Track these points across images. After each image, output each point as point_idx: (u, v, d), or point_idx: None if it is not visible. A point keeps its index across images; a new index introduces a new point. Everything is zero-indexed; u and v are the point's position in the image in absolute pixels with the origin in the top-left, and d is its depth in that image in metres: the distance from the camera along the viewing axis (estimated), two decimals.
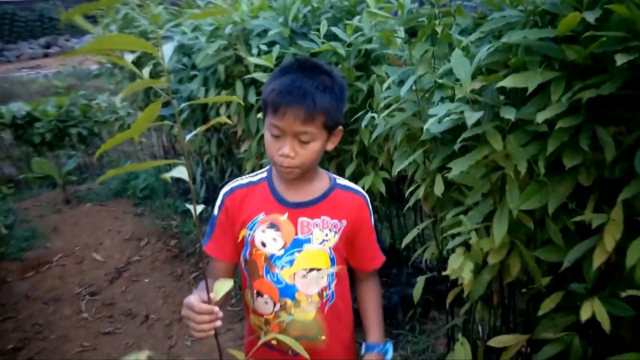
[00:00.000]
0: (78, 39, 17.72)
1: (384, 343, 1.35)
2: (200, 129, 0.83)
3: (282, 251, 1.22)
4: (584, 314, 1.11)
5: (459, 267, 1.37)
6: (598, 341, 1.27)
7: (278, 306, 1.24)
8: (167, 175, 0.71)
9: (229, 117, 2.70)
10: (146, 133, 5.99)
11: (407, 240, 1.77)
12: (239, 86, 2.46)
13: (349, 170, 2.34)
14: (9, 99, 7.83)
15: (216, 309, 0.98)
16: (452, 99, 1.52)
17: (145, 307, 3.09)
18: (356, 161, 2.33)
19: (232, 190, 1.25)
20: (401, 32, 1.85)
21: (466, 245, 1.41)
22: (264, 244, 1.22)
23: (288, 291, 1.23)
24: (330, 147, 1.25)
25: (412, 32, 1.83)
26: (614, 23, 1.05)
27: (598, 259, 1.11)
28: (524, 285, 1.47)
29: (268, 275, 1.23)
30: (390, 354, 1.34)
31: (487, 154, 1.26)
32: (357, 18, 2.08)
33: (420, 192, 1.67)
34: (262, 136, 2.55)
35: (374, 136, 1.76)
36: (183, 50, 2.94)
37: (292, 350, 1.24)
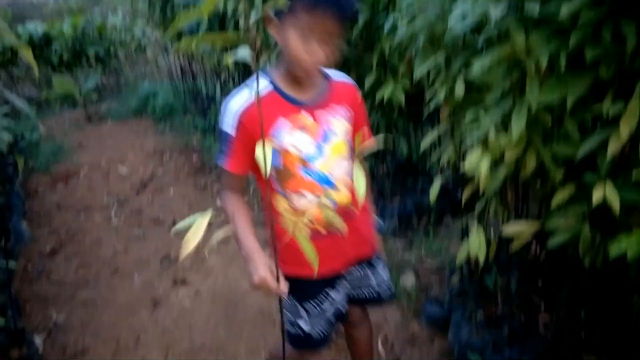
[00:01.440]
0: None
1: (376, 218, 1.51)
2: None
3: (314, 148, 1.29)
4: (596, 197, 1.17)
5: (476, 162, 1.44)
6: (607, 229, 1.35)
7: (320, 197, 1.32)
8: (230, 59, 0.75)
9: (247, 28, 2.70)
10: (164, 54, 5.97)
11: (426, 142, 1.83)
12: None
13: (368, 81, 2.37)
14: (22, 22, 7.77)
15: (286, 290, 1.17)
16: None
17: (172, 214, 3.25)
18: (376, 71, 2.36)
19: (245, 108, 1.25)
20: None
21: (484, 142, 1.47)
22: (295, 147, 1.28)
23: (327, 181, 1.32)
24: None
25: None
26: None
27: (612, 148, 1.17)
28: (539, 181, 1.53)
29: (306, 174, 1.31)
30: (381, 223, 1.49)
31: (508, 50, 1.29)
32: None
33: (441, 95, 1.72)
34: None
35: (396, 41, 1.77)
36: None
37: (340, 231, 1.35)
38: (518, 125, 1.35)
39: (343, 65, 2.59)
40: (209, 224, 0.88)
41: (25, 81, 6.21)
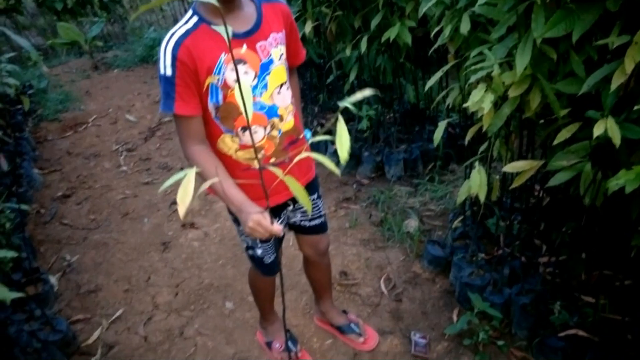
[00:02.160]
0: None
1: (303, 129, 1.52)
2: None
3: (256, 80, 1.28)
4: (597, 131, 1.17)
5: (480, 99, 1.43)
6: (608, 166, 1.35)
7: (268, 128, 1.34)
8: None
9: None
10: (169, 2, 5.84)
11: (431, 81, 1.81)
12: None
13: (374, 22, 2.32)
14: None
15: (279, 230, 1.17)
16: None
17: (180, 161, 3.28)
18: (382, 12, 2.30)
19: (179, 43, 1.21)
20: None
21: (488, 80, 1.45)
22: (237, 81, 1.26)
23: (272, 111, 1.33)
24: None
25: None
26: None
27: (616, 81, 1.15)
28: (543, 119, 1.52)
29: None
30: (309, 136, 1.51)
31: None
32: None
33: (447, 32, 1.68)
34: None
35: None
36: None
37: (287, 157, 1.39)
38: (522, 60, 1.33)
39: (348, 6, 2.54)
40: None
41: (30, 29, 6.14)
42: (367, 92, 1.31)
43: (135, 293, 2.23)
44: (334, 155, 2.92)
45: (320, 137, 1.13)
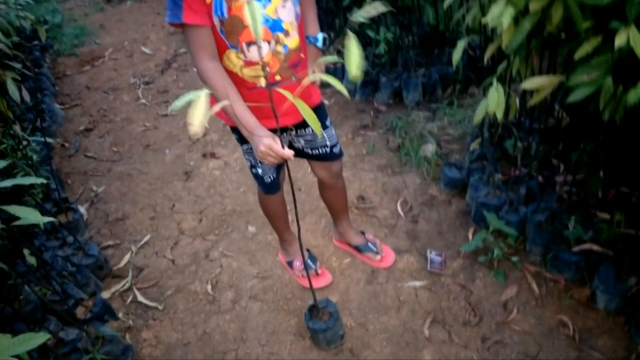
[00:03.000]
0: None
1: (316, 34, 1.50)
2: None
3: None
4: (619, 41, 1.14)
5: (499, 14, 1.38)
6: (629, 80, 1.32)
7: (273, 43, 1.32)
8: None
9: None
10: None
11: (448, 2, 1.75)
12: None
13: None
14: None
15: (291, 154, 1.22)
16: None
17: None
18: None
19: None
20: None
21: None
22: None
23: (277, 25, 1.31)
24: None
25: None
26: None
27: None
28: (565, 34, 1.47)
29: None
30: (319, 42, 1.50)
31: None
32: None
33: None
34: None
35: None
36: None
37: (294, 76, 1.38)
38: None
39: None
40: None
41: None
42: (379, 6, 1.28)
43: (161, 220, 2.31)
44: (352, 81, 2.89)
45: (330, 58, 1.12)
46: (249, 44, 1.31)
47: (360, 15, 1.32)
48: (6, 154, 2.25)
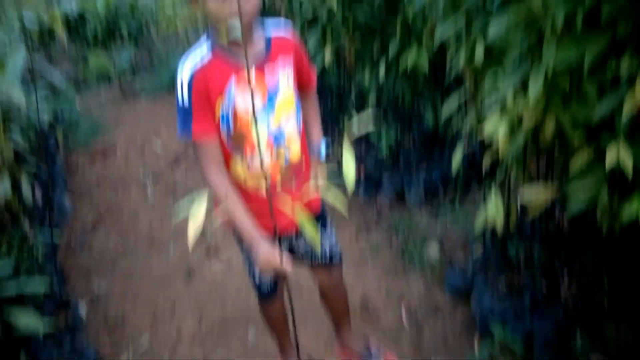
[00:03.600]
0: None
1: (320, 144, 1.57)
2: None
3: (263, 106, 1.34)
4: (609, 158, 1.16)
5: (494, 128, 1.43)
6: (625, 193, 1.33)
7: (275, 155, 1.39)
8: None
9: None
10: (194, 29, 6.01)
11: (446, 110, 1.83)
12: None
13: (392, 48, 2.36)
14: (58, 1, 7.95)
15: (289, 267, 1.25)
16: None
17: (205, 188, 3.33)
18: (400, 38, 2.33)
19: (193, 75, 1.28)
20: None
21: (503, 108, 1.45)
22: (245, 106, 1.31)
23: (279, 138, 1.38)
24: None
25: None
26: None
27: (628, 108, 1.14)
28: (558, 146, 1.51)
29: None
30: (323, 150, 1.55)
31: (525, 10, 1.26)
32: None
33: (461, 60, 1.69)
34: (305, 20, 2.59)
35: (417, 5, 1.75)
36: None
37: (293, 184, 1.44)
38: (535, 87, 1.33)
39: (366, 34, 2.57)
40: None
41: (63, 59, 6.39)
42: (369, 126, 1.36)
43: (160, 324, 2.26)
44: (355, 180, 2.93)
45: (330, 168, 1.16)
46: (253, 155, 1.37)
47: (356, 130, 1.37)
48: (13, 249, 2.26)
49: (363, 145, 3.19)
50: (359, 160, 3.02)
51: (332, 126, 3.38)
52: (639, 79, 1.11)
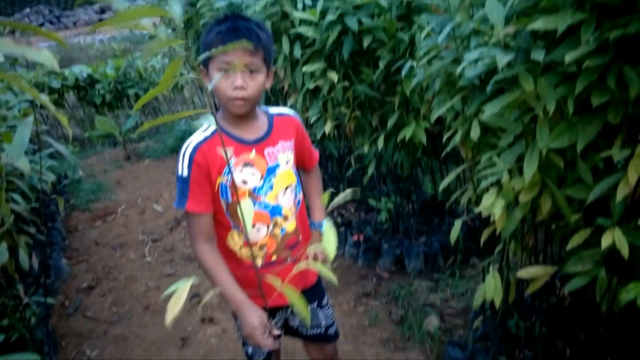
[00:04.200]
0: (131, 2, 18.09)
1: (321, 221, 1.61)
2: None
3: (261, 181, 1.39)
4: (605, 242, 1.18)
5: (491, 204, 1.46)
6: (624, 273, 1.34)
7: (271, 227, 1.43)
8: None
9: (275, 72, 2.82)
10: (199, 93, 6.19)
11: (445, 183, 1.86)
12: (285, 41, 2.56)
13: (391, 121, 2.42)
14: (69, 63, 8.24)
15: (270, 344, 1.25)
16: (488, 44, 1.57)
17: None
18: (398, 112, 2.41)
19: (195, 148, 1.34)
20: None
21: (499, 185, 1.48)
22: (244, 182, 1.38)
23: (276, 211, 1.42)
24: (267, 85, 1.39)
25: None
26: None
27: (621, 193, 1.17)
28: (555, 224, 1.53)
29: (255, 206, 1.40)
30: (323, 228, 1.53)
31: (519, 95, 1.32)
32: None
33: (458, 137, 1.75)
34: (307, 90, 2.69)
35: (413, 84, 1.83)
36: (232, 8, 3.04)
37: (290, 257, 1.47)
38: (530, 168, 1.37)
39: (366, 106, 2.66)
40: None
41: (70, 121, 6.54)
42: (348, 196, 1.42)
43: None
44: (354, 246, 2.93)
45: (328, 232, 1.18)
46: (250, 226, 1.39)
47: (337, 203, 1.43)
48: (6, 314, 2.23)
49: (362, 213, 3.21)
50: (359, 227, 3.04)
51: (332, 189, 3.41)
52: (631, 164, 1.15)
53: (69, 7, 18.31)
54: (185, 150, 1.35)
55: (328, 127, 2.65)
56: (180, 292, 0.96)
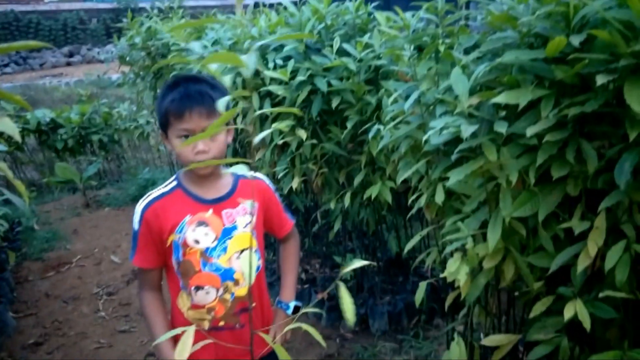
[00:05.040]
0: (100, 48, 18.12)
1: (289, 302, 1.57)
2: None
3: (215, 242, 1.37)
4: (567, 314, 1.19)
5: (456, 270, 1.46)
6: (586, 342, 1.35)
7: (221, 291, 1.39)
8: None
9: (243, 128, 2.84)
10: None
11: (409, 245, 1.87)
12: (255, 98, 2.59)
13: (357, 179, 2.45)
14: (33, 106, 8.09)
15: None
16: (453, 113, 1.63)
17: None
18: (364, 171, 2.44)
19: (148, 204, 1.36)
20: (408, 50, 1.96)
21: (464, 250, 1.50)
22: (197, 241, 1.36)
23: (228, 274, 1.39)
24: (229, 140, 1.41)
25: (419, 49, 1.94)
26: (598, 46, 1.15)
27: (582, 264, 1.20)
28: (518, 290, 1.55)
29: (206, 267, 1.38)
30: (290, 310, 1.55)
31: (482, 164, 1.36)
32: (367, 35, 2.19)
33: (423, 201, 1.77)
34: (275, 145, 2.70)
35: (379, 147, 1.86)
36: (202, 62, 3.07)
37: (238, 323, 1.43)
38: (494, 235, 1.39)
39: (333, 163, 2.69)
40: None
41: (29, 165, 6.34)
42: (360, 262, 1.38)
43: None
44: (318, 305, 2.88)
45: (309, 309, 1.15)
46: (197, 287, 1.39)
47: (346, 273, 1.39)
48: None
49: (327, 269, 3.18)
50: (323, 284, 3.00)
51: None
52: (590, 236, 1.18)
53: (36, 49, 18.17)
54: (140, 205, 1.38)
55: (295, 183, 2.66)
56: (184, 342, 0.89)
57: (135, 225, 1.37)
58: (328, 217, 3.15)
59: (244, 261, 1.37)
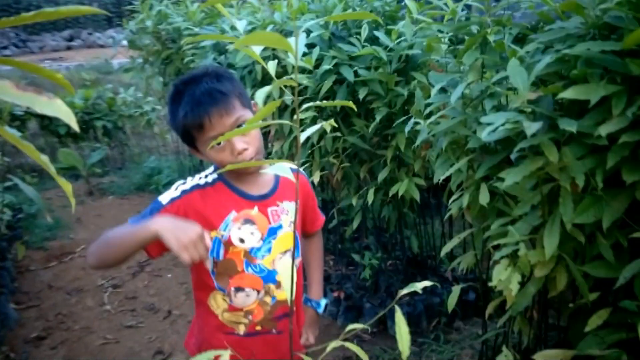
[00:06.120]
0: (100, 32, 17.89)
1: (319, 300, 1.51)
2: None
3: (261, 242, 1.28)
4: None
5: (506, 278, 1.36)
6: None
7: (262, 293, 1.30)
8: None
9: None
10: (171, 130, 6.00)
11: (447, 247, 1.76)
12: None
13: (381, 175, 2.34)
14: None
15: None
16: (499, 108, 1.52)
17: (168, 302, 3.10)
18: (390, 166, 2.32)
19: (192, 188, 1.25)
20: (446, 39, 1.84)
21: (511, 256, 1.39)
22: (242, 240, 1.26)
23: (270, 276, 1.29)
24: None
25: (457, 40, 1.83)
26: None
27: None
28: (568, 300, 1.44)
29: (249, 269, 1.28)
30: (321, 309, 1.49)
31: (541, 165, 1.25)
32: (400, 23, 2.07)
33: (465, 201, 1.66)
34: (295, 138, 2.58)
35: (417, 142, 1.74)
36: (218, 48, 2.95)
37: (275, 329, 1.33)
38: (551, 242, 1.28)
39: (355, 158, 2.57)
40: None
41: None
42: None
43: None
44: (334, 304, 2.78)
45: (357, 325, 1.04)
46: (238, 289, 1.28)
47: (416, 287, 1.28)
48: None
49: (342, 267, 3.08)
50: (339, 283, 2.90)
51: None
52: None
53: (35, 32, 17.93)
54: (181, 185, 1.26)
55: (316, 177, 2.54)
56: None
57: (165, 199, 1.23)
58: (345, 213, 3.05)
59: (286, 263, 1.29)
